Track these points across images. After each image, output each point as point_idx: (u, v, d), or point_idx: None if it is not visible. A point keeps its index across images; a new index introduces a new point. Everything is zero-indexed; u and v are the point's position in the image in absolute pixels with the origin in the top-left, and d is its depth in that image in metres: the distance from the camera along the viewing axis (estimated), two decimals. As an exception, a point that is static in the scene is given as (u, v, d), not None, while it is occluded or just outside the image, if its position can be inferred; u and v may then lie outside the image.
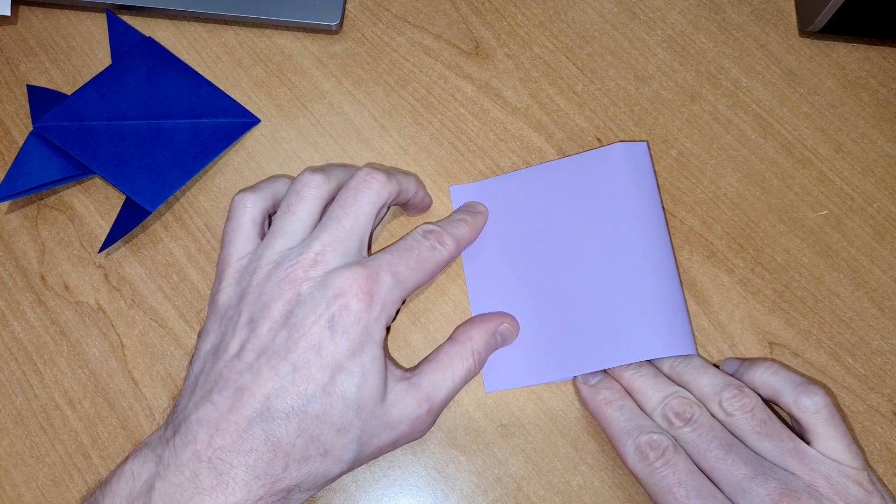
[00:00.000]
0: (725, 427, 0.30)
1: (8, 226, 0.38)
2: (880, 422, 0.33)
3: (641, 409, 0.32)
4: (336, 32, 0.41)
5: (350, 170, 0.33)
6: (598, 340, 0.33)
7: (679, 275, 0.35)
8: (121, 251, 0.37)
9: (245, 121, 0.39)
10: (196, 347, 0.30)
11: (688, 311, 0.34)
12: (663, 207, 0.37)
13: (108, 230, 0.37)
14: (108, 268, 0.37)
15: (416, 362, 0.35)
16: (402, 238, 0.32)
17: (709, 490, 0.29)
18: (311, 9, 0.40)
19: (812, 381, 0.31)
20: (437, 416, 0.31)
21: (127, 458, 0.28)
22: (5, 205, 0.38)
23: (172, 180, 0.37)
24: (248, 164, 0.39)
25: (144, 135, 0.38)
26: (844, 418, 0.31)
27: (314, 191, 0.31)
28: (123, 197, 0.38)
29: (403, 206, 0.35)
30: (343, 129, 0.39)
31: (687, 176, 0.38)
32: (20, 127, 0.40)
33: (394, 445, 0.30)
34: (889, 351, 0.35)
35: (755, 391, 0.31)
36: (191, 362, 0.30)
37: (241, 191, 0.32)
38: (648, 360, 0.33)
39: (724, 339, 0.35)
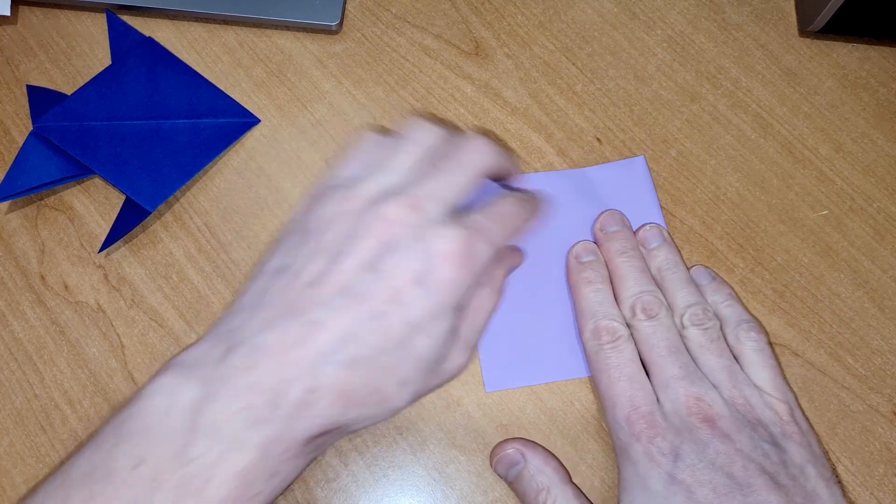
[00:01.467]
0: (680, 336, 0.33)
1: (8, 226, 0.38)
2: (880, 422, 0.33)
3: (616, 292, 0.34)
4: (336, 32, 0.41)
5: (459, 130, 0.34)
6: None
7: None
8: (121, 251, 0.37)
9: (245, 121, 0.39)
10: (264, 260, 0.28)
11: None
12: (662, 209, 0.37)
13: (107, 230, 0.37)
14: (108, 268, 0.37)
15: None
16: (497, 201, 0.30)
17: (640, 379, 0.31)
18: (311, 9, 0.40)
19: (757, 322, 0.34)
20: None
21: (161, 373, 0.26)
22: (5, 205, 0.38)
23: (172, 180, 0.37)
24: (247, 165, 0.39)
25: (144, 135, 0.38)
26: (778, 362, 0.33)
27: (425, 135, 0.29)
28: (123, 197, 0.38)
29: (496, 178, 0.34)
30: (343, 128, 0.39)
31: (687, 176, 0.38)
32: (20, 127, 0.40)
33: (435, 389, 0.29)
34: (889, 351, 0.35)
35: None
36: (253, 277, 0.28)
37: (370, 130, 0.33)
38: (640, 254, 0.35)
39: (724, 339, 0.35)
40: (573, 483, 0.32)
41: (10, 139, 0.39)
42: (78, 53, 0.41)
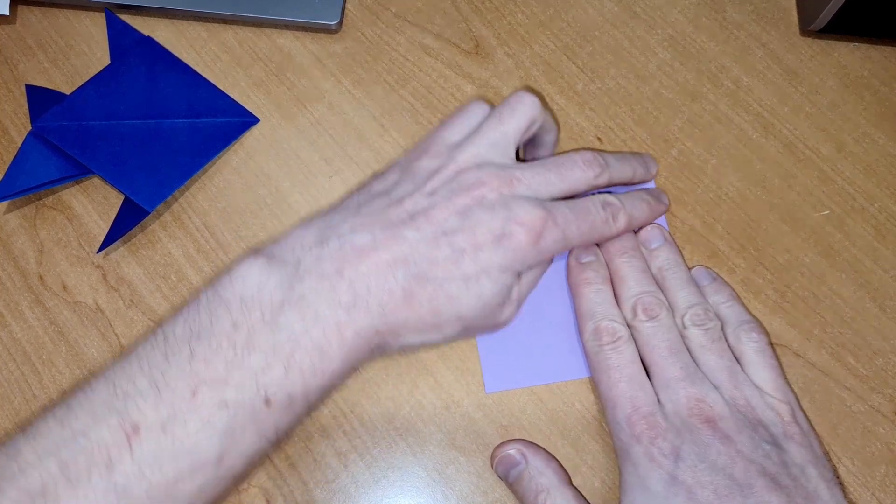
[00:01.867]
0: (681, 336, 0.33)
1: (6, 226, 0.38)
2: (882, 422, 0.33)
3: (617, 292, 0.34)
4: (335, 32, 0.41)
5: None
6: None
7: None
8: (119, 251, 0.37)
9: (244, 120, 0.39)
10: (368, 183, 0.33)
11: None
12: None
13: (106, 230, 0.37)
14: (107, 268, 0.37)
15: (417, 362, 0.35)
16: (583, 198, 0.33)
17: (640, 380, 0.31)
18: (310, 8, 0.40)
19: (758, 323, 0.34)
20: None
21: (254, 255, 0.29)
22: (4, 205, 0.38)
23: (171, 180, 0.37)
24: (247, 164, 0.39)
25: (143, 134, 0.38)
26: (779, 362, 0.33)
27: (527, 109, 0.33)
28: (122, 197, 0.38)
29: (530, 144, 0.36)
30: (342, 128, 0.39)
31: (688, 175, 0.38)
32: (19, 127, 0.40)
33: (480, 334, 0.34)
34: (891, 351, 0.35)
35: None
36: (356, 192, 0.32)
37: (480, 98, 0.34)
38: (641, 254, 0.35)
39: (726, 340, 0.35)
40: (573, 485, 0.32)
41: (9, 139, 0.39)
42: (77, 53, 0.41)
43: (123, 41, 0.40)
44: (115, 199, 0.38)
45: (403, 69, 0.40)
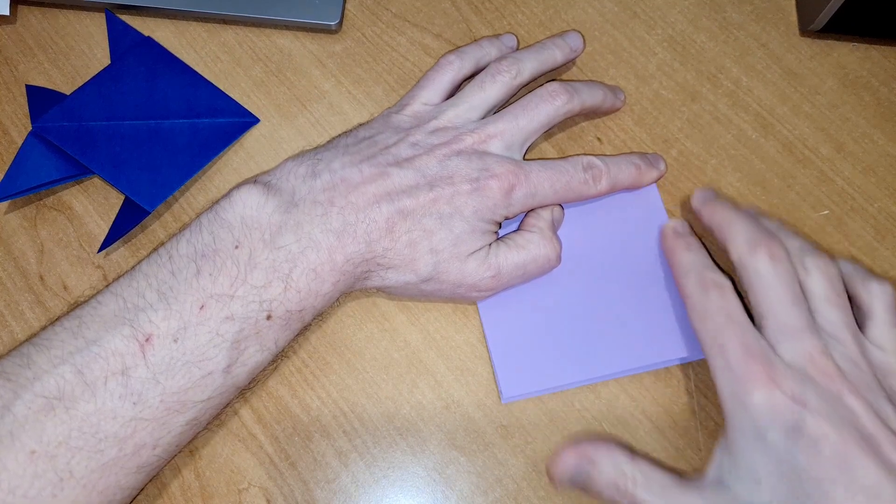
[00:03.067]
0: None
1: (7, 226, 0.38)
2: (881, 422, 0.33)
3: (727, 240, 0.32)
4: (336, 32, 0.41)
5: (545, 61, 0.37)
6: (607, 347, 0.34)
7: None
8: (120, 251, 0.37)
9: (244, 120, 0.39)
10: (354, 129, 0.35)
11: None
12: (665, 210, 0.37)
13: (106, 230, 0.37)
14: (107, 268, 0.37)
15: (417, 362, 0.35)
16: (565, 158, 0.35)
17: (750, 326, 0.29)
18: (310, 8, 0.40)
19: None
20: (501, 285, 0.34)
21: (250, 183, 0.31)
22: (4, 205, 0.38)
23: (171, 180, 0.37)
24: (247, 164, 0.39)
25: (143, 135, 0.38)
26: None
27: (507, 78, 0.35)
28: (122, 197, 0.38)
29: (592, 112, 0.38)
30: (343, 128, 0.39)
31: (687, 176, 0.38)
32: (19, 127, 0.40)
33: (454, 291, 0.33)
34: (890, 351, 0.35)
35: None
36: (342, 136, 0.35)
37: (453, 50, 0.37)
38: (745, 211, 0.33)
39: (725, 340, 0.35)
40: (639, 453, 0.30)
41: (10, 139, 0.39)
42: (77, 53, 0.41)
43: (123, 41, 0.40)
44: (115, 199, 0.38)
45: (403, 69, 0.40)
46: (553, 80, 0.38)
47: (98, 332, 0.28)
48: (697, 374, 0.34)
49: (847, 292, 0.31)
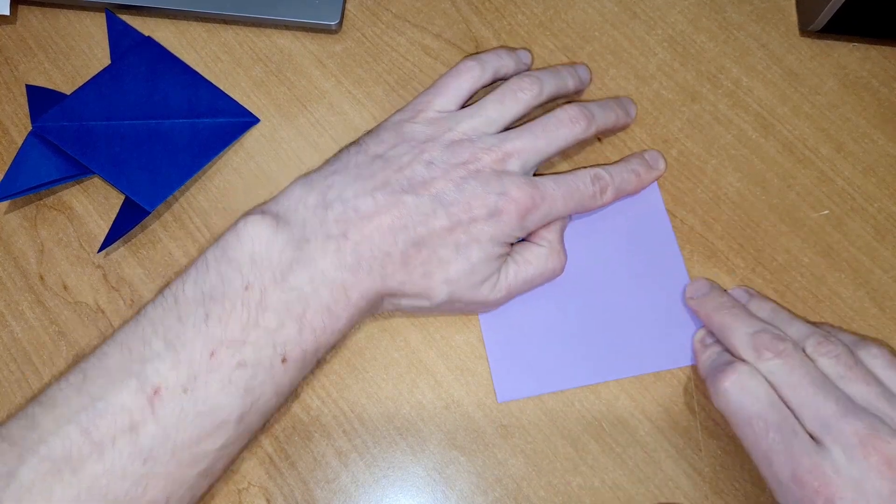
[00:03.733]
0: None
1: (7, 226, 0.38)
2: (881, 422, 0.33)
3: (729, 342, 0.31)
4: (336, 32, 0.41)
5: (559, 87, 0.36)
6: (608, 352, 0.34)
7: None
8: (120, 251, 0.37)
9: (244, 120, 0.39)
10: (363, 142, 0.33)
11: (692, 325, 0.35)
12: (668, 212, 0.37)
13: (106, 230, 0.37)
14: (107, 268, 0.37)
15: (417, 362, 0.35)
16: (573, 172, 0.34)
17: (790, 425, 0.28)
18: (310, 8, 0.40)
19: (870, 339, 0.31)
20: (509, 299, 0.34)
21: (257, 213, 0.30)
22: (4, 205, 0.38)
23: (171, 180, 0.37)
24: (247, 164, 0.39)
25: (143, 135, 0.38)
26: None
27: (528, 96, 0.34)
28: (122, 197, 0.38)
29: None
30: (343, 128, 0.39)
31: (687, 176, 0.38)
32: (19, 127, 0.40)
33: (465, 309, 0.34)
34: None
35: None
36: (352, 151, 0.33)
37: (472, 56, 0.35)
38: (739, 303, 0.33)
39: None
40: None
41: (10, 139, 0.39)
42: (77, 53, 0.41)
43: (123, 41, 0.40)
44: (115, 199, 0.38)
45: (403, 69, 0.40)
46: (571, 101, 0.37)
47: (104, 388, 0.27)
48: (697, 374, 0.34)
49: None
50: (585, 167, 0.35)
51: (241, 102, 0.40)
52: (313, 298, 0.29)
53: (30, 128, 0.38)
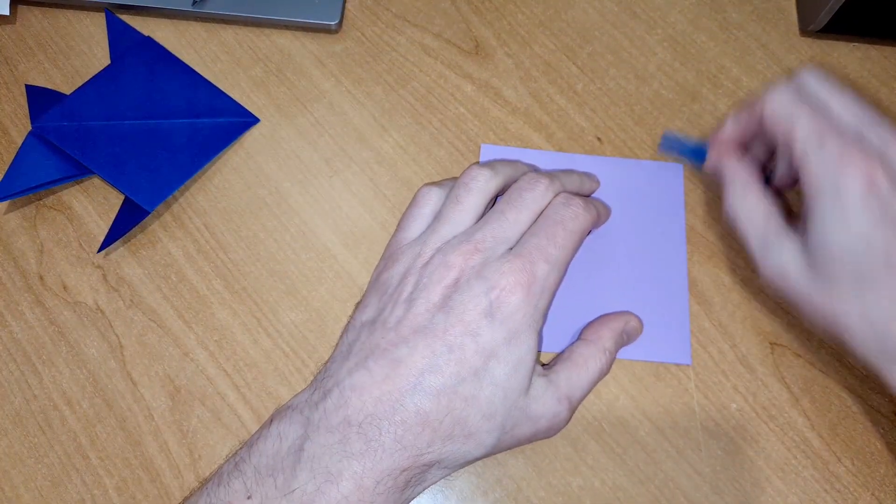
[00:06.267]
0: None
1: (6, 226, 0.38)
2: (882, 422, 0.33)
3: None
4: (335, 32, 0.41)
5: (518, 168, 0.34)
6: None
7: (687, 287, 0.36)
8: (119, 251, 0.37)
9: (244, 120, 0.39)
10: (352, 318, 0.31)
11: (688, 322, 0.35)
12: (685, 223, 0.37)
13: (106, 230, 0.37)
14: (107, 268, 0.37)
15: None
16: (543, 213, 0.31)
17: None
18: (310, 8, 0.40)
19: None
20: (573, 414, 0.31)
21: (271, 420, 0.29)
22: (4, 205, 0.38)
23: (171, 180, 0.37)
24: (247, 164, 0.39)
25: (143, 135, 0.38)
26: None
27: (481, 184, 0.32)
28: (122, 197, 0.38)
29: None
30: (342, 128, 0.39)
31: (688, 176, 0.38)
32: (19, 127, 0.40)
33: (531, 439, 0.30)
34: (891, 351, 0.34)
35: None
36: (344, 331, 0.31)
37: (427, 184, 0.34)
38: None
39: (725, 340, 0.35)
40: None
41: (9, 139, 0.39)
42: (77, 53, 0.41)
43: (123, 41, 0.40)
44: (115, 199, 0.38)
45: (403, 69, 0.40)
46: (528, 171, 0.34)
47: None
48: (698, 374, 0.34)
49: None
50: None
51: (240, 102, 0.40)
52: (317, 498, 0.26)
53: (29, 128, 0.38)
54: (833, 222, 0.28)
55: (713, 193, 0.37)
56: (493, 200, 0.33)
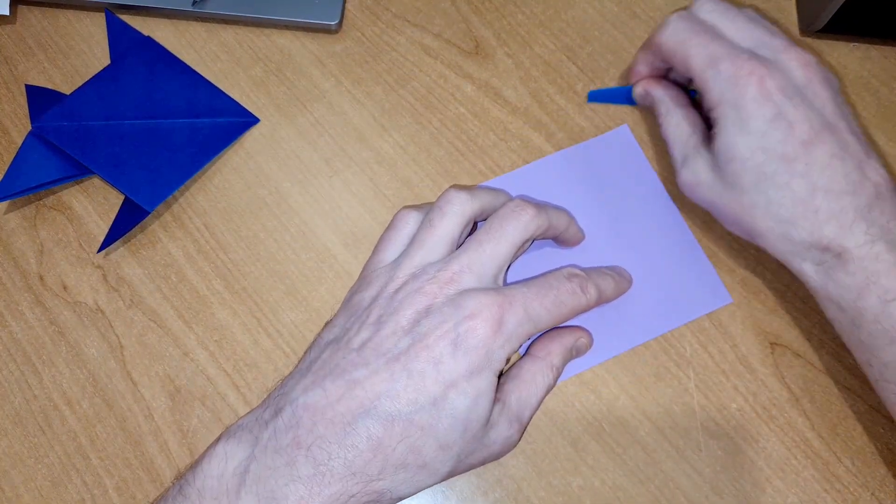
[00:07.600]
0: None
1: (6, 226, 0.38)
2: (882, 422, 0.33)
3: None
4: (335, 32, 0.41)
5: (499, 196, 0.33)
6: (631, 319, 0.35)
7: (692, 233, 0.36)
8: (119, 251, 0.37)
9: (244, 120, 0.39)
10: (318, 336, 0.31)
11: (710, 265, 0.36)
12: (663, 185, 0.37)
13: (106, 230, 0.37)
14: (107, 268, 0.37)
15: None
16: (543, 275, 0.31)
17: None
18: (310, 8, 0.40)
19: None
20: (522, 435, 0.31)
21: (219, 439, 0.28)
22: (4, 205, 0.38)
23: (171, 180, 0.37)
24: (246, 164, 0.39)
25: (143, 134, 0.38)
26: None
27: (457, 208, 0.31)
28: (122, 197, 0.38)
29: (553, 239, 0.35)
30: (342, 128, 0.39)
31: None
32: (19, 127, 0.40)
33: (483, 463, 0.30)
34: (891, 351, 0.34)
35: None
36: (308, 349, 0.31)
37: (406, 207, 0.33)
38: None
39: (726, 340, 0.35)
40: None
41: (9, 139, 0.39)
42: (77, 53, 0.41)
43: (123, 41, 0.40)
44: (115, 199, 0.38)
45: (403, 69, 0.40)
46: (509, 199, 0.34)
47: None
48: (697, 374, 0.34)
49: None
50: (558, 268, 0.32)
51: (240, 102, 0.40)
52: None
53: (29, 128, 0.38)
54: (733, 129, 0.30)
55: (713, 193, 0.37)
56: (475, 225, 0.33)
